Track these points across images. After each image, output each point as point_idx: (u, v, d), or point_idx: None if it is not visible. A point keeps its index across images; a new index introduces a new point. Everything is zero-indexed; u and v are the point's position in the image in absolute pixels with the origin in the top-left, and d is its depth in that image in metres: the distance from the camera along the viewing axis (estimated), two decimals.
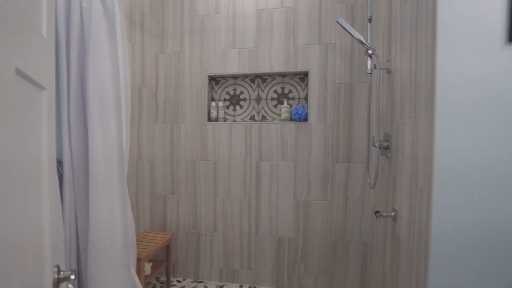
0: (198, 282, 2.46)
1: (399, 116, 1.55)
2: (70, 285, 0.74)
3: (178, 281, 2.48)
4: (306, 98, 2.34)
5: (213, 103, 2.40)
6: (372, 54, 1.73)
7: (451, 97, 1.13)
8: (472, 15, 1.13)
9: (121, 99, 1.58)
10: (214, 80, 2.49)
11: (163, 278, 2.51)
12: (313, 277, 2.29)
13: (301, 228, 2.28)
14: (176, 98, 2.44)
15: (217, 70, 2.36)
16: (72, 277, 0.80)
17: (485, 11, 1.12)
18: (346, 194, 2.22)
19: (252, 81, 2.42)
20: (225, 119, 2.45)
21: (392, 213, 1.57)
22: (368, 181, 1.76)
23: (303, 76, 2.34)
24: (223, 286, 2.40)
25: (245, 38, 2.31)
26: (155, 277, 2.52)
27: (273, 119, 2.39)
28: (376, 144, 1.69)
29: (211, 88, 2.48)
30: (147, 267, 2.15)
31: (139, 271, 1.93)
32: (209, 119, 2.42)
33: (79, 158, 1.51)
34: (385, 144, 1.69)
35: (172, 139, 2.46)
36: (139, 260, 1.94)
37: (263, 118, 2.41)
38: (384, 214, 1.58)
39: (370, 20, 1.93)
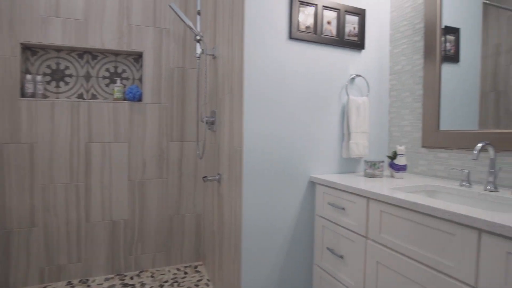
0: None
1: (221, 94, 1.83)
2: None
3: None
4: (140, 79, 2.36)
5: (29, 77, 2.07)
6: (200, 40, 1.95)
7: (252, 75, 1.46)
8: (268, 14, 1.49)
9: None
10: (30, 50, 2.14)
11: None
12: (151, 255, 2.34)
13: (137, 208, 2.29)
14: None
15: (34, 38, 2.05)
16: None
17: (276, 14, 1.51)
18: (180, 170, 2.38)
19: (80, 56, 2.24)
20: (45, 96, 2.15)
21: (217, 177, 1.83)
22: (198, 152, 1.97)
23: (138, 57, 2.35)
24: (45, 287, 2.10)
25: (71, 7, 2.11)
26: None
27: (105, 98, 2.28)
28: (204, 119, 1.92)
29: (26, 59, 2.13)
30: None
31: None
32: (23, 95, 2.07)
33: None
34: (212, 119, 1.95)
35: None
36: None
37: (94, 97, 2.26)
38: (210, 177, 1.82)
39: (199, 13, 2.16)
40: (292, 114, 1.54)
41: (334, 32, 1.60)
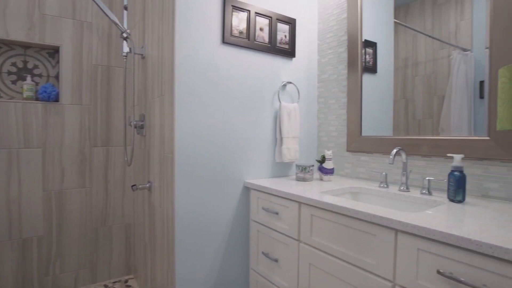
0: None
1: (151, 96, 1.72)
2: None
3: None
4: (57, 77, 2.10)
5: None
6: (127, 37, 1.81)
7: (184, 78, 1.41)
8: (200, 17, 1.45)
9: None
10: None
11: None
12: (73, 274, 2.10)
13: (54, 222, 2.03)
14: None
15: None
16: None
17: (209, 17, 1.47)
18: (106, 177, 2.19)
19: None
20: None
21: (147, 185, 1.73)
22: (126, 159, 1.83)
23: (54, 52, 2.09)
24: None
25: None
26: None
27: (12, 97, 1.98)
28: (132, 123, 1.79)
29: None
30: None
31: None
32: None
33: None
34: (140, 123, 1.82)
35: None
36: None
37: None
38: (140, 186, 1.71)
39: (126, 8, 2.01)
40: (226, 120, 1.53)
41: (266, 39, 1.63)
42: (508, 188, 1.10)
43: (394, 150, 1.22)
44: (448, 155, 1.11)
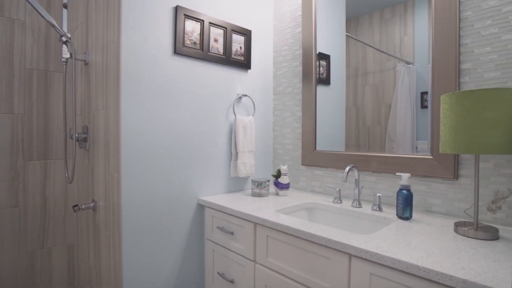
0: None
1: (95, 108, 1.58)
2: None
3: None
4: None
5: None
6: (67, 41, 1.65)
7: (131, 91, 1.30)
8: (150, 26, 1.35)
9: None
10: None
11: None
12: None
13: None
14: None
15: None
16: None
17: (160, 26, 1.38)
18: (44, 195, 1.97)
19: None
20: None
21: (92, 204, 1.58)
22: (66, 175, 1.67)
23: None
24: None
25: None
26: None
27: None
28: (73, 136, 1.63)
29: None
30: None
31: None
32: None
33: None
34: (83, 136, 1.67)
35: None
36: None
37: None
38: (83, 206, 1.56)
39: (65, 6, 1.83)
40: (179, 135, 1.45)
41: (221, 50, 1.57)
42: (448, 204, 1.17)
43: (347, 168, 1.24)
44: (397, 174, 1.16)
